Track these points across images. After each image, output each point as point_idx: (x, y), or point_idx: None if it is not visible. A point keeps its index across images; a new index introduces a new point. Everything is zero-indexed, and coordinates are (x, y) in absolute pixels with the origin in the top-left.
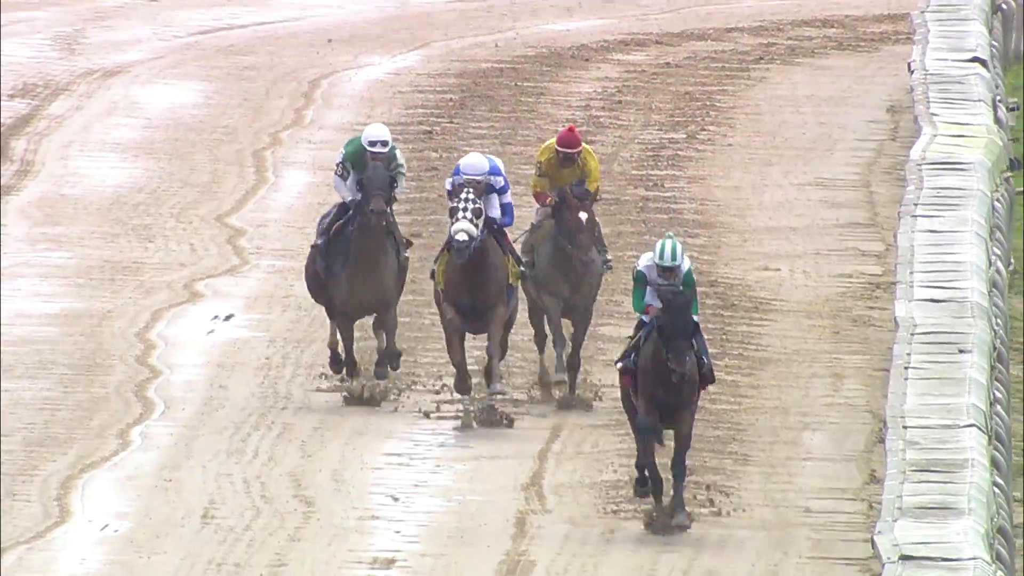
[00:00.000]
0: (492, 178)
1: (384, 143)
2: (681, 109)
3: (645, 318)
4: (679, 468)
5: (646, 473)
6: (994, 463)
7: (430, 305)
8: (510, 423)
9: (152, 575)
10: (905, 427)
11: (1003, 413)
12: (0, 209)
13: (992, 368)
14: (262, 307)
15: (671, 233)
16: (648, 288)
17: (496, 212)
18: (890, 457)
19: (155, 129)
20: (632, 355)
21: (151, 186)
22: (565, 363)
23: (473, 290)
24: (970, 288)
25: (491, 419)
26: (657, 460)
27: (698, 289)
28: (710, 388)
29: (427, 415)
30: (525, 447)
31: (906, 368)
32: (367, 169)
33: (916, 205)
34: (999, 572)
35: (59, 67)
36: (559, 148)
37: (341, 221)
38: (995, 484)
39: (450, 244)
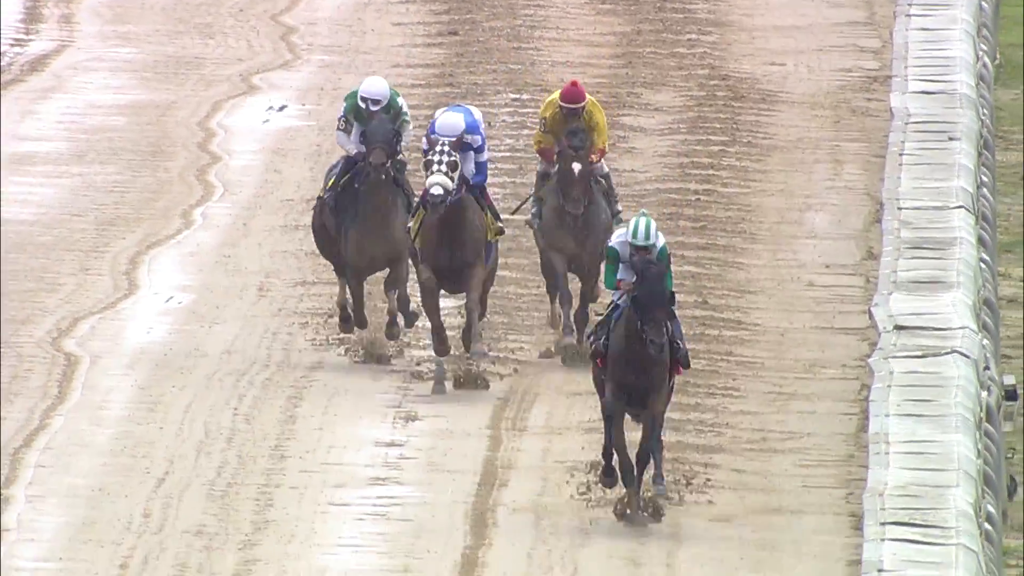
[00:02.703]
0: (469, 136)
1: (376, 101)
2: None
3: (616, 298)
4: (655, 444)
5: (612, 463)
6: (980, 241)
7: None
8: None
9: (212, 343)
10: (900, 208)
11: (989, 195)
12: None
13: (979, 154)
14: (312, 98)
15: (645, 210)
16: (621, 264)
17: (472, 170)
18: (886, 235)
19: None
20: (604, 337)
21: None
22: (573, 321)
23: (450, 248)
24: (959, 81)
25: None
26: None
27: (711, 83)
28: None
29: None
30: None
31: (901, 154)
32: (368, 122)
33: (910, 5)
34: (985, 340)
35: None
36: (562, 104)
37: (348, 175)
38: (981, 260)
39: (425, 199)
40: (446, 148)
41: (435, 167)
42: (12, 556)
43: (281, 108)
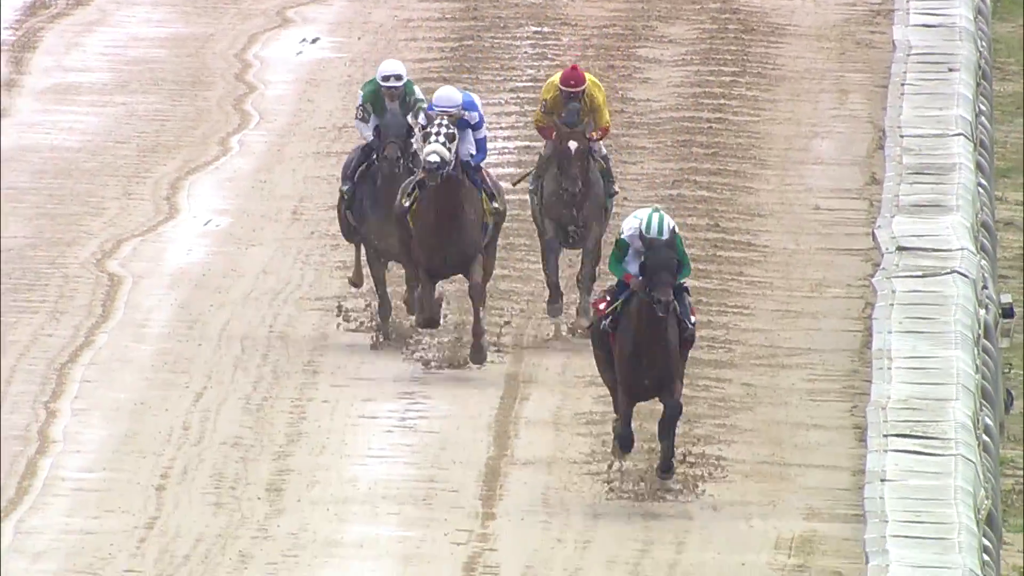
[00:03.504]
0: (467, 113)
1: (398, 77)
2: None
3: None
4: (669, 431)
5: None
6: (979, 167)
7: None
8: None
9: (248, 264)
10: (902, 136)
11: (987, 123)
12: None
13: (977, 84)
14: (344, 32)
15: (658, 205)
16: (630, 252)
17: (471, 148)
18: (888, 162)
19: None
20: (611, 318)
21: None
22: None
23: (446, 231)
24: (959, 14)
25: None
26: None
27: (723, 16)
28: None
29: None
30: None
31: (902, 85)
32: (384, 115)
33: None
34: (983, 260)
35: None
36: (562, 87)
37: (364, 165)
38: (979, 185)
39: (421, 181)
40: (444, 121)
41: (433, 137)
42: (58, 467)
43: (314, 41)
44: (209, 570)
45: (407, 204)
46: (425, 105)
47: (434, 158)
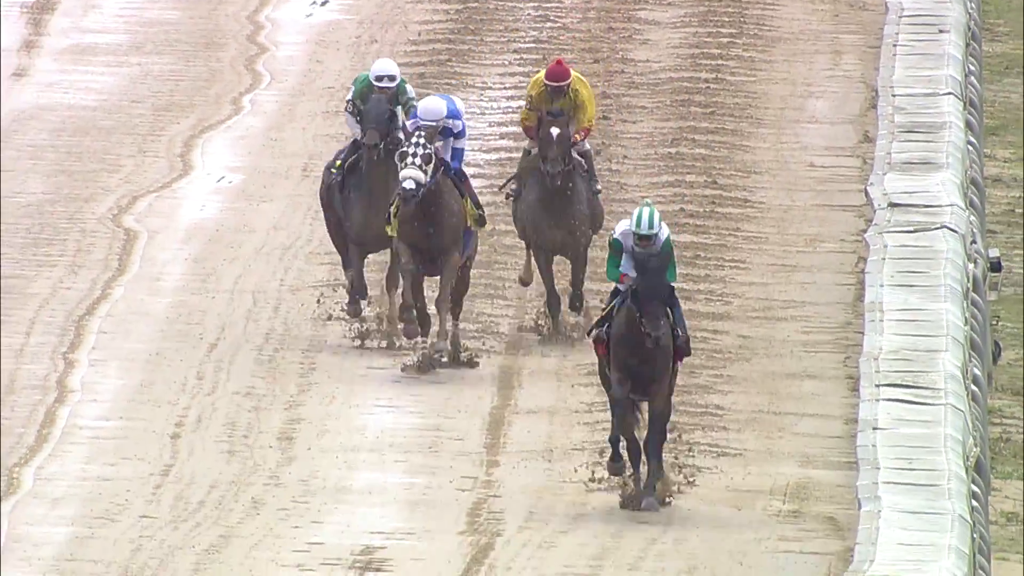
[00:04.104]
0: (450, 122)
1: (391, 77)
2: None
3: (620, 286)
4: (655, 448)
5: (620, 449)
6: (968, 125)
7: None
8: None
9: (260, 220)
10: (893, 95)
11: (976, 83)
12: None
13: (967, 45)
14: None
15: (648, 200)
16: (624, 255)
17: (447, 155)
18: (881, 120)
19: None
20: (606, 325)
21: None
22: (569, 306)
23: (426, 233)
24: None
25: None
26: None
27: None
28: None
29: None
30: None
31: (895, 45)
32: (368, 102)
33: None
34: (972, 216)
35: None
36: (547, 83)
37: (353, 157)
38: (969, 143)
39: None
40: (421, 140)
41: (409, 159)
42: (76, 416)
43: (323, 3)
44: (222, 516)
45: (390, 210)
46: (418, 104)
47: (409, 184)
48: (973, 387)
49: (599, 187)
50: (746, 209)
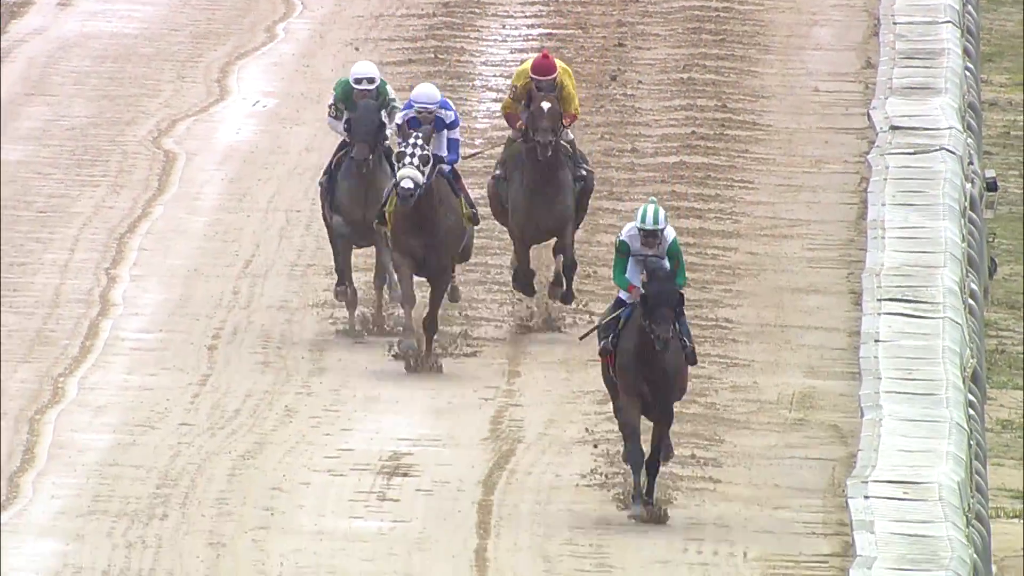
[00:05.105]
0: (443, 112)
1: (370, 79)
2: None
3: (625, 296)
4: (654, 467)
5: (635, 468)
6: (965, 51)
7: None
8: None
9: (293, 142)
10: (895, 23)
11: (973, 11)
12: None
13: None
14: None
15: (654, 198)
16: (631, 261)
17: (443, 149)
18: (882, 47)
19: None
20: (612, 336)
21: None
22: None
23: (422, 233)
24: None
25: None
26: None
27: None
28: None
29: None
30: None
31: None
32: (355, 110)
33: None
34: (969, 138)
35: None
36: (533, 76)
37: (342, 153)
38: (966, 68)
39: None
40: (419, 142)
41: (407, 159)
42: (118, 328)
43: None
44: (257, 423)
45: (384, 209)
46: (400, 106)
47: (407, 184)
48: (970, 301)
49: (584, 171)
50: (754, 132)
